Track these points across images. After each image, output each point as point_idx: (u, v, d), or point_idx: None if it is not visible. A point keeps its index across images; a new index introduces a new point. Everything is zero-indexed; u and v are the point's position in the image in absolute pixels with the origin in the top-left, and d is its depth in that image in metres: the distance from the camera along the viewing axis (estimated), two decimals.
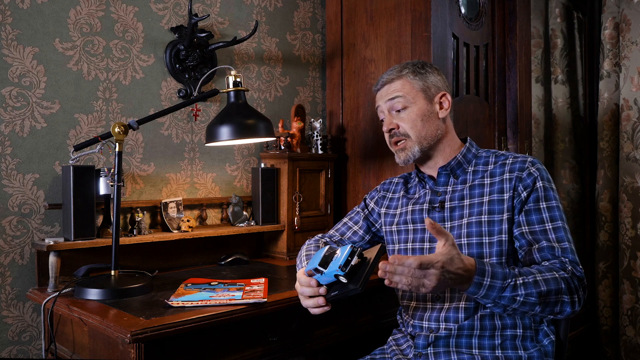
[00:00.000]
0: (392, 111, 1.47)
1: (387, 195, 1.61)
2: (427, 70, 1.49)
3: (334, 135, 2.43)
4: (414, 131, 1.43)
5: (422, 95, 1.45)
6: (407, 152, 1.44)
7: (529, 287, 1.17)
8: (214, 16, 2.18)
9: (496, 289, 1.16)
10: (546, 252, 1.28)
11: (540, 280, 1.19)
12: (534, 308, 1.19)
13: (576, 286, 1.22)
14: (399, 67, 1.49)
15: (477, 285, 1.15)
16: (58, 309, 1.52)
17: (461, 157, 1.46)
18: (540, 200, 1.33)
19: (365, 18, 2.32)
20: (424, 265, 1.09)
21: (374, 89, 1.53)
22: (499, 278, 1.16)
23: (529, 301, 1.17)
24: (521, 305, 1.18)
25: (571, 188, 3.11)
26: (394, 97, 1.45)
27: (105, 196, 1.77)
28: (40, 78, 1.76)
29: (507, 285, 1.16)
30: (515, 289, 1.17)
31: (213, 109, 2.17)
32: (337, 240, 1.63)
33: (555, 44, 3.05)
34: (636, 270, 2.84)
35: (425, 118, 1.44)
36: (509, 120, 2.48)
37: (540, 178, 1.35)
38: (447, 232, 1.14)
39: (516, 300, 1.17)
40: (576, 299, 1.22)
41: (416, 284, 1.10)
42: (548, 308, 1.20)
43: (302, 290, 1.31)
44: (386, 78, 1.49)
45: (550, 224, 1.31)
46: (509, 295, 1.17)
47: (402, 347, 1.46)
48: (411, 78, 1.46)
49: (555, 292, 1.19)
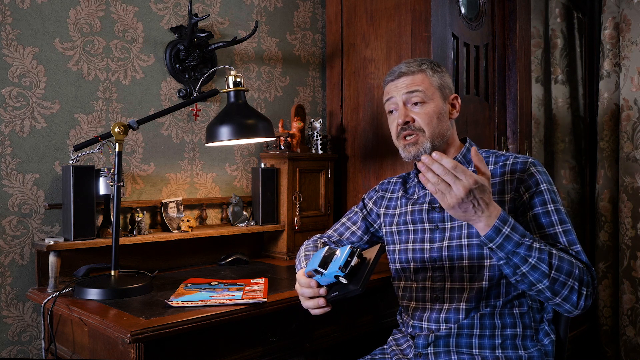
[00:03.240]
0: (408, 104, 1.43)
1: (386, 195, 1.61)
2: (443, 70, 1.48)
3: (334, 135, 2.43)
4: (430, 127, 1.41)
5: (439, 94, 1.44)
6: (418, 147, 1.41)
7: (543, 253, 1.17)
8: (214, 16, 2.17)
9: (513, 241, 1.15)
10: None
11: (555, 254, 1.18)
12: (543, 280, 1.17)
13: (588, 281, 1.22)
14: (418, 61, 1.46)
15: (495, 230, 1.15)
16: (58, 309, 1.52)
17: (461, 158, 1.46)
18: (547, 203, 1.32)
19: (365, 18, 2.32)
20: (459, 170, 1.10)
21: (387, 79, 1.48)
22: (518, 232, 1.16)
23: (539, 267, 1.16)
24: (531, 269, 1.16)
25: (571, 188, 3.11)
26: (413, 91, 1.41)
27: (105, 196, 1.77)
28: (40, 78, 1.76)
29: (523, 243, 1.16)
30: (530, 250, 1.16)
31: (213, 109, 2.17)
32: (336, 241, 1.63)
33: (555, 44, 3.05)
34: (636, 270, 2.84)
35: (440, 116, 1.42)
36: (509, 120, 2.48)
37: (542, 180, 1.35)
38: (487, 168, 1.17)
39: (527, 262, 1.16)
40: (584, 292, 1.20)
41: (443, 188, 1.12)
42: (556, 286, 1.17)
43: (303, 292, 1.30)
44: (405, 69, 1.44)
45: (560, 227, 1.30)
46: (523, 253, 1.15)
47: (402, 347, 1.46)
48: (430, 74, 1.44)
49: (567, 272, 1.18)
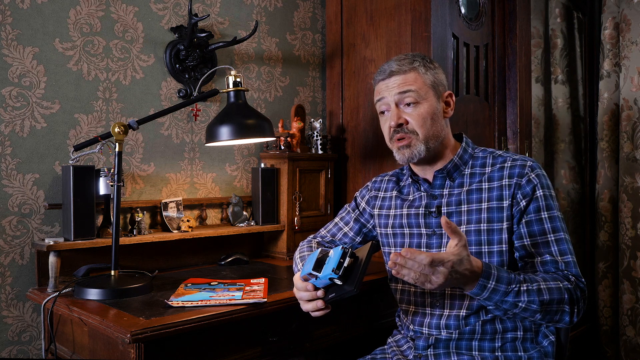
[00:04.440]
0: (401, 105, 1.36)
1: (379, 194, 1.57)
2: (436, 66, 1.41)
3: (334, 135, 2.42)
4: (423, 129, 1.35)
5: (433, 92, 1.37)
6: (412, 149, 1.36)
7: (532, 294, 1.18)
8: (214, 16, 2.17)
9: (500, 292, 1.17)
10: (549, 266, 1.28)
11: (544, 289, 1.20)
12: (535, 315, 1.20)
13: (578, 297, 1.23)
14: (409, 58, 1.38)
15: (481, 287, 1.16)
16: (58, 309, 1.52)
17: (457, 159, 1.41)
18: (541, 210, 1.30)
19: (365, 18, 2.32)
20: (435, 263, 1.09)
21: (378, 77, 1.41)
22: (503, 282, 1.17)
23: (530, 308, 1.19)
24: (522, 311, 1.19)
25: (571, 188, 3.11)
26: (405, 91, 1.35)
27: (105, 196, 1.77)
28: (40, 78, 1.76)
29: (511, 291, 1.17)
30: (518, 295, 1.18)
31: (213, 109, 2.17)
32: (329, 241, 1.62)
33: (555, 44, 3.05)
34: (636, 270, 2.84)
35: (434, 117, 1.36)
36: (509, 120, 2.48)
37: (540, 186, 1.32)
38: (461, 232, 1.13)
39: (518, 306, 1.18)
40: (576, 310, 1.23)
41: (423, 280, 1.11)
42: (548, 316, 1.21)
43: (300, 295, 1.30)
44: (397, 68, 1.37)
45: (552, 235, 1.29)
46: (512, 300, 1.18)
47: (402, 348, 1.45)
48: (423, 72, 1.37)
49: (557, 301, 1.20)
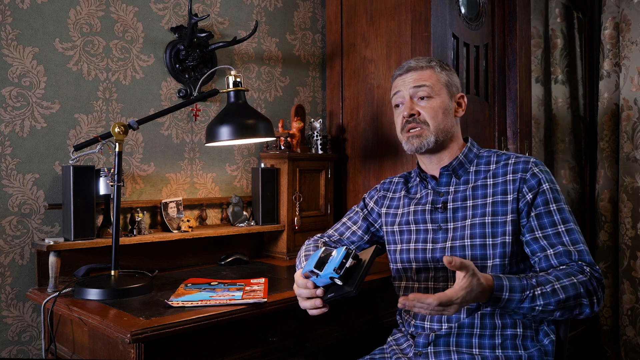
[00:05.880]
0: (415, 98, 1.46)
1: (388, 194, 1.61)
2: (451, 69, 1.52)
3: (334, 135, 2.43)
4: (435, 121, 1.44)
5: (446, 91, 1.47)
6: (422, 139, 1.44)
7: (547, 297, 1.20)
8: (214, 16, 2.17)
9: (515, 301, 1.20)
10: (564, 258, 1.30)
11: (558, 289, 1.21)
12: (554, 314, 1.23)
13: (595, 287, 1.25)
14: (427, 58, 1.50)
15: (495, 300, 1.19)
16: (58, 309, 1.52)
17: (462, 157, 1.47)
18: (549, 202, 1.35)
19: (365, 18, 2.32)
20: (444, 303, 1.12)
21: (396, 73, 1.52)
22: (517, 291, 1.20)
23: (547, 309, 1.21)
24: (540, 313, 1.22)
25: (571, 188, 3.11)
26: (420, 85, 1.45)
27: (105, 196, 1.77)
28: (40, 78, 1.76)
29: (526, 297, 1.20)
30: (533, 300, 1.20)
31: (213, 109, 2.17)
32: (336, 240, 1.63)
33: (555, 44, 3.05)
34: (636, 270, 2.84)
35: (446, 112, 1.45)
36: (509, 120, 2.48)
37: (545, 180, 1.37)
38: (467, 263, 1.13)
39: (535, 310, 1.21)
40: (595, 300, 1.25)
41: (436, 314, 1.16)
42: (567, 312, 1.24)
43: (300, 292, 1.31)
44: (414, 64, 1.48)
45: (562, 226, 1.32)
46: (528, 305, 1.20)
47: (402, 347, 1.46)
48: (438, 71, 1.47)
49: (574, 297, 1.22)
